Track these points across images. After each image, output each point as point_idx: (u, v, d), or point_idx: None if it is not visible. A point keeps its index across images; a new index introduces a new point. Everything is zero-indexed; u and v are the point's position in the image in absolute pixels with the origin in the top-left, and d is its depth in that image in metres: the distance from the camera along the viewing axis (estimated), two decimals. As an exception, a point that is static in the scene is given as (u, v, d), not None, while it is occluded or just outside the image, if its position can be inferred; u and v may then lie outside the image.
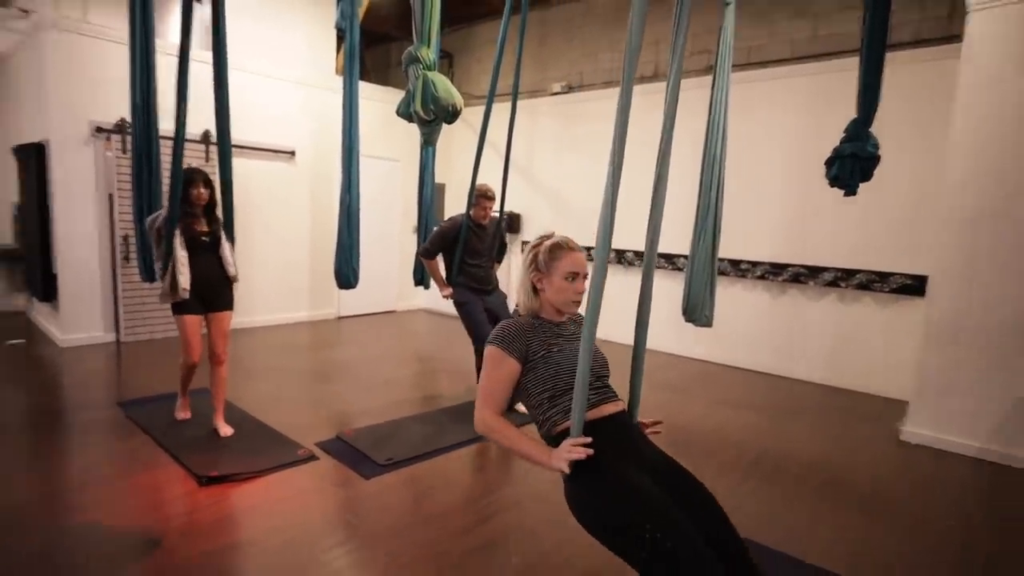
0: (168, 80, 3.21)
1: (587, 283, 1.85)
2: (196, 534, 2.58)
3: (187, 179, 3.16)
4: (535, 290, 1.86)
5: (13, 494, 2.87)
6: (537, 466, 1.64)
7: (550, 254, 1.83)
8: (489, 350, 1.78)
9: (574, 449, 1.53)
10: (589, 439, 1.55)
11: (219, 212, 3.48)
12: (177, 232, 3.21)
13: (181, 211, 3.21)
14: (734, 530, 1.58)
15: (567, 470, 1.55)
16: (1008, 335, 3.70)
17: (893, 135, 4.05)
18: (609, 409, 1.75)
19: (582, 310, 1.60)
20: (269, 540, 2.59)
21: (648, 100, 6.44)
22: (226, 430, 3.58)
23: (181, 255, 3.19)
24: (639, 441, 1.76)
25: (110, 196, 5.61)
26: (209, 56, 3.32)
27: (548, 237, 1.89)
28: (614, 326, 6.88)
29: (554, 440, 1.71)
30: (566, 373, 1.73)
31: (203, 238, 3.34)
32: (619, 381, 1.88)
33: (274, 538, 2.60)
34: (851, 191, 2.42)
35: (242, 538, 2.60)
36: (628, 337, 1.95)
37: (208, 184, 3.30)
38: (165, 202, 3.19)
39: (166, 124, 3.11)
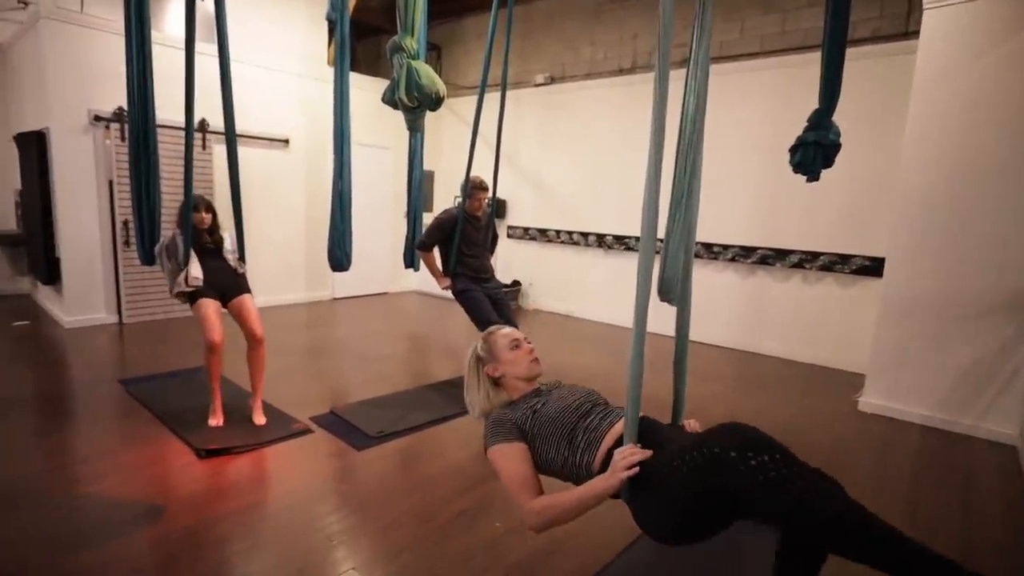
0: (163, 71, 3.15)
1: (531, 344, 1.90)
2: (197, 503, 2.58)
3: (193, 206, 3.23)
4: (495, 383, 1.86)
5: (23, 466, 2.84)
6: (605, 499, 1.50)
7: (486, 344, 1.88)
8: (491, 452, 1.70)
9: (628, 456, 1.43)
10: (637, 444, 1.47)
11: (224, 234, 3.49)
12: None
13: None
14: None
15: (630, 473, 1.41)
16: (953, 312, 3.77)
17: (854, 125, 4.05)
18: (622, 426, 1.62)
19: (624, 308, 1.50)
20: (266, 507, 2.60)
21: (622, 92, 6.45)
22: (260, 419, 3.43)
23: (193, 257, 3.27)
24: (672, 437, 1.62)
25: (110, 183, 5.51)
26: (204, 48, 3.26)
27: (475, 348, 1.92)
28: (595, 305, 6.92)
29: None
30: (562, 415, 1.70)
31: (209, 245, 3.41)
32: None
33: (271, 506, 2.61)
34: (813, 177, 2.41)
35: (240, 506, 2.59)
36: (607, 315, 1.94)
37: (210, 209, 3.39)
38: (166, 228, 3.22)
39: (162, 114, 3.08)
